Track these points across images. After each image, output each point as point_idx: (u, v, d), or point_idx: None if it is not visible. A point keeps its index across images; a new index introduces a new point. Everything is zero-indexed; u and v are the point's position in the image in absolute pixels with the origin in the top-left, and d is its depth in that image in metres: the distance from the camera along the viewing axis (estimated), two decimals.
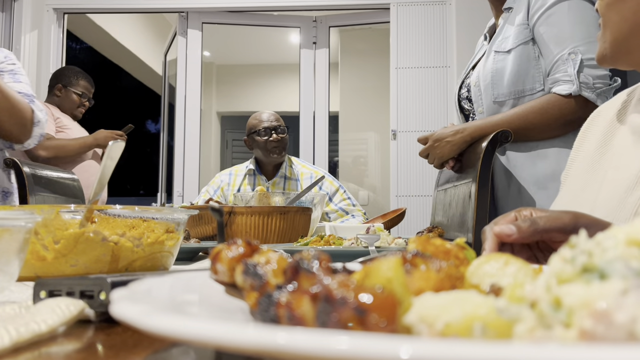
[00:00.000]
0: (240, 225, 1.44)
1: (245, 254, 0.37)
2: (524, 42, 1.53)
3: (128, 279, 0.43)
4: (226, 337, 0.21)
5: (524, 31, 1.53)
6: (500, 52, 1.57)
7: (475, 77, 1.64)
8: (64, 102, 3.03)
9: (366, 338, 0.19)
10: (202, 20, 3.94)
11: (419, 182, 3.49)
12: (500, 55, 1.56)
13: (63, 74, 3.09)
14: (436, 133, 1.63)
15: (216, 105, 6.28)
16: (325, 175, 2.60)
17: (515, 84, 1.53)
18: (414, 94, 3.56)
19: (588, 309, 0.20)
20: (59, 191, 2.20)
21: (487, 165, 1.43)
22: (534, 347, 0.17)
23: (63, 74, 3.09)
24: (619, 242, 0.22)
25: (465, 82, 1.74)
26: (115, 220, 0.69)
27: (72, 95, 3.03)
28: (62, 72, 3.13)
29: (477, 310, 0.22)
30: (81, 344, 0.38)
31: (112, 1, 3.86)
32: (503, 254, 0.31)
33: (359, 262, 0.50)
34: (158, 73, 5.41)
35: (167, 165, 4.23)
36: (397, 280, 0.26)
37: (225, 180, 2.67)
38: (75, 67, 3.20)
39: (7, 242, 0.48)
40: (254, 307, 0.31)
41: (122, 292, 0.30)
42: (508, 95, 1.55)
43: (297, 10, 3.98)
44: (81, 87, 3.05)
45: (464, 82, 1.75)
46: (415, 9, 3.61)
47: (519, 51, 1.53)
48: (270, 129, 2.56)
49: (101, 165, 0.69)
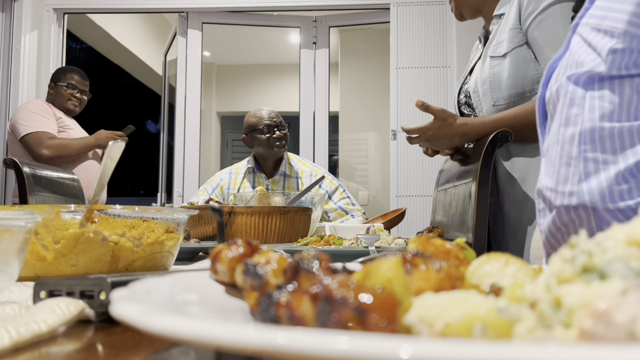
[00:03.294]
0: (240, 225, 1.44)
1: (245, 254, 0.37)
2: (518, 46, 1.52)
3: (128, 279, 0.43)
4: (226, 337, 0.21)
5: (518, 35, 1.53)
6: (495, 57, 1.56)
7: (473, 83, 1.64)
8: (56, 98, 3.06)
9: (366, 338, 0.19)
10: (202, 20, 3.94)
11: (419, 182, 3.49)
12: (496, 60, 1.56)
13: (54, 74, 3.15)
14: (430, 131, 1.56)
15: (216, 105, 6.29)
16: (325, 175, 2.60)
17: (514, 87, 1.53)
18: (414, 94, 3.56)
19: (588, 309, 0.20)
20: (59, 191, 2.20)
21: (487, 165, 1.43)
22: (534, 347, 0.17)
23: (55, 73, 3.16)
24: (619, 242, 0.22)
25: (463, 88, 1.74)
26: (115, 220, 0.69)
27: (60, 89, 3.05)
28: (55, 72, 3.19)
29: (477, 310, 0.22)
30: (81, 344, 0.38)
31: (112, 1, 3.86)
32: (503, 254, 0.31)
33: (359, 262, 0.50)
34: (158, 73, 5.42)
35: (167, 165, 4.23)
36: (397, 280, 0.26)
37: (225, 179, 2.66)
38: (71, 66, 3.22)
39: (7, 242, 0.48)
40: (254, 307, 0.31)
41: (122, 292, 0.30)
42: (508, 98, 1.54)
43: (297, 10, 3.98)
44: (68, 79, 3.07)
45: (462, 87, 1.74)
46: (415, 9, 3.62)
47: (514, 55, 1.52)
48: (272, 126, 2.56)
49: (101, 166, 0.69)
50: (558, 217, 0.58)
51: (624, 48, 0.52)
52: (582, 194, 0.54)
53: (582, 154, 0.54)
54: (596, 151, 0.53)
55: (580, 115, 0.55)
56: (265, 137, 2.55)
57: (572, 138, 0.55)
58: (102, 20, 4.91)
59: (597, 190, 0.53)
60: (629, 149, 0.51)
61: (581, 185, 0.54)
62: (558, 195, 0.57)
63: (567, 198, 0.56)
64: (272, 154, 2.59)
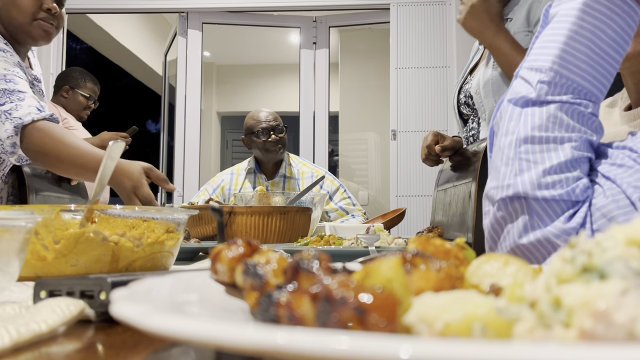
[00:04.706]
0: (240, 225, 1.44)
1: (245, 254, 0.37)
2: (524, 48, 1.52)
3: (128, 279, 0.43)
4: (226, 337, 0.21)
5: (525, 38, 1.52)
6: None
7: (475, 83, 1.64)
8: (71, 103, 3.04)
9: (366, 338, 0.19)
10: (202, 21, 3.94)
11: (419, 182, 3.49)
12: None
13: (71, 76, 3.09)
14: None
15: (216, 105, 6.29)
16: (325, 175, 2.60)
17: None
18: (414, 94, 3.56)
19: (588, 309, 0.20)
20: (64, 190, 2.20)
21: (487, 165, 1.43)
22: (534, 347, 0.17)
23: (71, 75, 3.10)
24: (619, 242, 0.22)
25: (463, 88, 1.73)
26: (115, 220, 0.69)
27: (79, 97, 3.04)
28: (70, 73, 3.13)
29: (477, 310, 0.22)
30: (81, 344, 0.38)
31: (112, 1, 3.86)
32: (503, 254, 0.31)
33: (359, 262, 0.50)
34: (158, 73, 5.41)
35: (167, 165, 4.23)
36: (397, 280, 0.26)
37: (226, 179, 2.66)
38: (81, 68, 3.20)
39: (8, 242, 0.48)
40: (254, 307, 0.31)
41: (122, 292, 0.30)
42: None
43: (297, 10, 3.98)
44: (88, 90, 3.07)
45: (462, 87, 1.74)
46: (415, 9, 3.62)
47: None
48: (268, 129, 2.55)
49: (101, 166, 0.69)
50: (498, 211, 0.72)
51: (549, 81, 0.71)
52: (517, 185, 0.69)
53: (517, 155, 0.70)
54: (528, 153, 0.70)
55: (516, 126, 0.72)
56: (261, 141, 2.55)
57: (510, 144, 0.72)
58: (102, 20, 4.91)
59: (528, 182, 0.68)
60: (553, 152, 0.69)
61: (516, 178, 0.70)
62: (498, 190, 0.72)
63: (505, 190, 0.70)
64: (269, 157, 2.58)
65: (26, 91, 1.41)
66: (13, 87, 1.39)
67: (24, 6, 1.49)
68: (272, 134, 2.55)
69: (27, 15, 1.49)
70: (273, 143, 2.54)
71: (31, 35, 1.52)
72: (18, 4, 1.49)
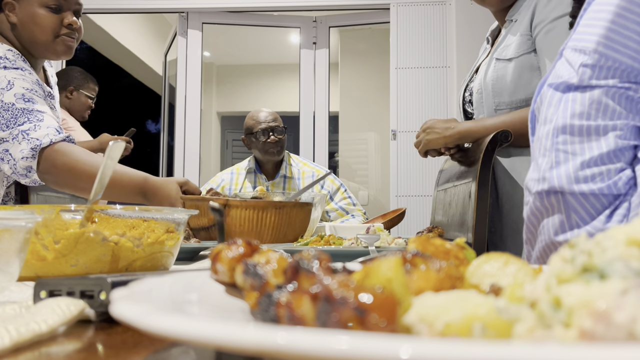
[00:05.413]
0: (234, 219, 1.40)
1: (246, 254, 0.37)
2: (526, 53, 1.52)
3: (128, 279, 0.43)
4: (226, 337, 0.21)
5: (527, 42, 1.52)
6: (501, 59, 1.56)
7: (477, 83, 1.64)
8: (75, 104, 3.04)
9: (366, 338, 0.19)
10: (202, 21, 3.94)
11: (419, 182, 3.49)
12: (501, 63, 1.56)
13: (73, 76, 3.09)
14: (430, 121, 1.66)
15: (216, 105, 6.28)
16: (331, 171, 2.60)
17: (516, 93, 1.53)
18: (414, 94, 3.56)
19: (588, 309, 0.20)
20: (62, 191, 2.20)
21: (487, 165, 1.43)
22: (534, 347, 0.17)
23: (73, 75, 3.09)
24: (619, 242, 0.22)
25: (469, 86, 1.73)
26: (115, 220, 0.69)
27: (83, 97, 3.05)
28: (72, 74, 3.13)
29: (477, 310, 0.22)
30: (81, 344, 0.38)
31: (112, 1, 3.86)
32: (503, 254, 0.31)
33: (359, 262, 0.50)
34: (158, 73, 5.41)
35: (167, 165, 4.23)
36: (397, 280, 0.26)
37: (226, 179, 2.66)
38: (80, 68, 3.21)
39: (8, 242, 0.48)
40: (254, 307, 0.31)
41: (122, 292, 0.30)
42: (510, 104, 1.54)
43: (297, 10, 3.98)
44: (91, 90, 3.09)
45: (468, 85, 1.74)
46: (415, 9, 3.62)
47: (520, 61, 1.52)
48: (267, 130, 2.54)
49: (101, 166, 0.69)
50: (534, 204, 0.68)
51: (594, 64, 0.65)
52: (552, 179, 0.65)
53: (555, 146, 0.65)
54: (566, 143, 0.65)
55: (555, 113, 0.66)
56: (260, 142, 2.54)
57: (547, 133, 0.67)
58: (102, 20, 4.91)
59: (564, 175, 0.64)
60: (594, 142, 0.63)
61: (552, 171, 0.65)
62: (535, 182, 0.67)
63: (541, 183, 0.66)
64: (268, 158, 2.58)
65: (45, 111, 1.40)
66: (32, 107, 1.38)
67: (45, 25, 1.47)
68: (271, 134, 2.54)
69: (49, 33, 1.48)
70: (272, 144, 2.54)
71: (55, 52, 1.51)
72: (39, 22, 1.47)
